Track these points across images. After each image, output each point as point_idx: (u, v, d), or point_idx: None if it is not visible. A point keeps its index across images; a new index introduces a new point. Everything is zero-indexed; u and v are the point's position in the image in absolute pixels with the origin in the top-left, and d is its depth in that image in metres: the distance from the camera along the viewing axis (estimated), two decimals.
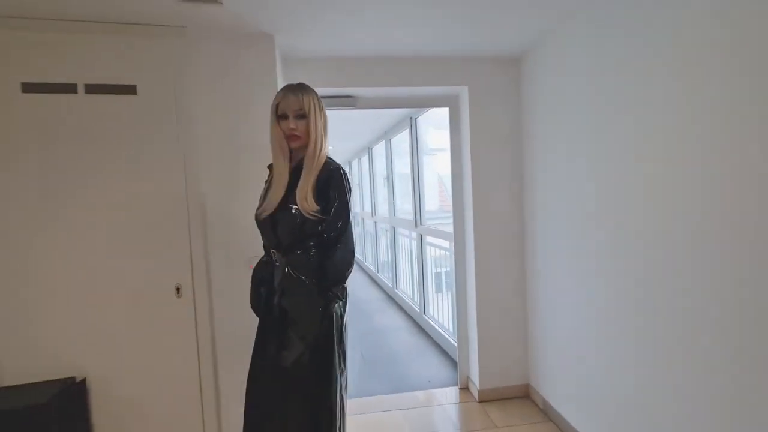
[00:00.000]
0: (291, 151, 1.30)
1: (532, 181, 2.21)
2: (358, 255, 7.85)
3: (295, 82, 1.35)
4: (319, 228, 1.26)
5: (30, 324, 1.59)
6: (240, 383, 1.33)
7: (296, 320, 1.25)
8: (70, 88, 1.59)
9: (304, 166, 1.27)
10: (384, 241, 5.35)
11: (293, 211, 1.24)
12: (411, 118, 3.63)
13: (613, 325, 1.62)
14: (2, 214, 1.55)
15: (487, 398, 2.36)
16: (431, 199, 4.15)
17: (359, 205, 7.39)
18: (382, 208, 5.52)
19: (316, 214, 1.23)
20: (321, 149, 1.28)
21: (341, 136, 4.97)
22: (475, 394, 2.40)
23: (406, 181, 4.05)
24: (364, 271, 6.81)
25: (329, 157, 1.33)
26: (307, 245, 1.28)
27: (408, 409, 2.32)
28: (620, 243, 1.55)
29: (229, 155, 1.76)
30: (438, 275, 3.74)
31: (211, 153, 1.75)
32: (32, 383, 1.57)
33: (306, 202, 1.22)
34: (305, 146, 1.27)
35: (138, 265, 1.67)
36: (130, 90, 1.64)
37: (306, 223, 1.24)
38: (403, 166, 4.34)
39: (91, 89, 1.61)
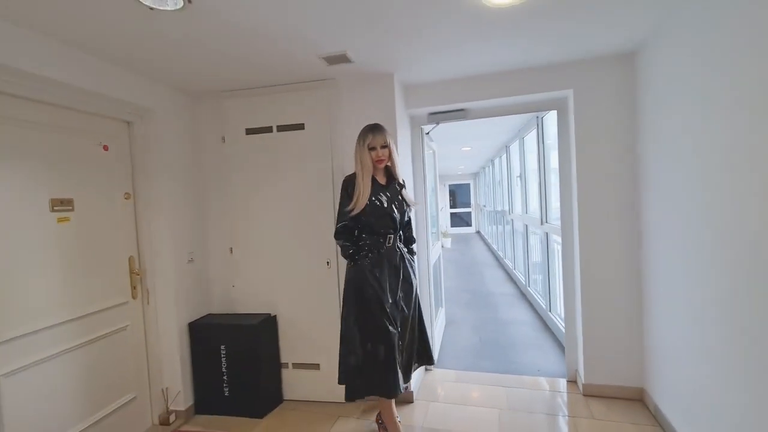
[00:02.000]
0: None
1: (647, 179, 2.16)
2: (499, 251, 7.92)
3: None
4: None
5: (251, 279, 2.58)
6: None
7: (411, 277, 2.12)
8: (268, 129, 2.50)
9: (396, 177, 2.06)
10: (520, 239, 5.39)
11: (403, 207, 2.08)
12: (537, 117, 3.71)
13: (733, 335, 1.46)
14: (240, 204, 2.57)
15: (593, 393, 2.41)
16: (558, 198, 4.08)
17: (501, 203, 7.46)
18: (517, 206, 5.56)
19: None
20: (398, 166, 2.09)
21: (477, 135, 5.27)
22: (581, 388, 2.47)
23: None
24: (503, 268, 6.89)
25: None
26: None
27: (510, 387, 2.58)
28: (736, 244, 1.42)
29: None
30: None
31: (350, 166, 2.42)
32: (250, 314, 2.55)
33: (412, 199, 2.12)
34: (386, 165, 2.07)
35: (303, 244, 2.48)
36: (301, 127, 2.46)
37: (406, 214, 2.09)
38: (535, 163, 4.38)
39: (280, 129, 2.49)
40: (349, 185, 2.02)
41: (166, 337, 2.37)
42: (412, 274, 2.11)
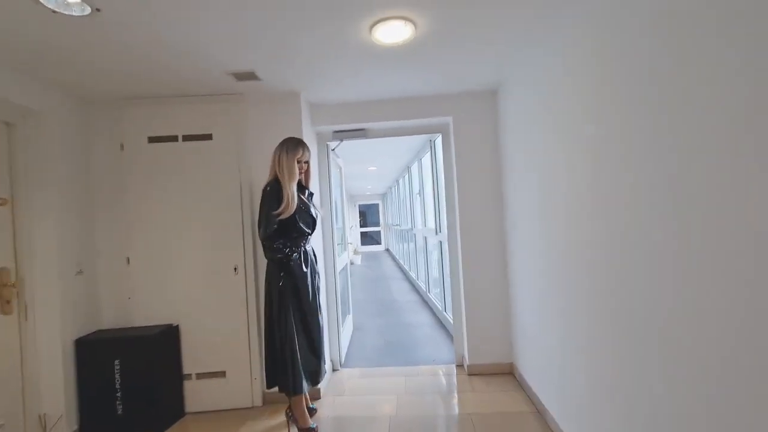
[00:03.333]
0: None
1: (507, 192, 2.70)
2: (405, 266, 8.44)
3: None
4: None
5: (151, 290, 2.50)
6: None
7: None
8: (173, 138, 2.52)
9: (308, 187, 2.30)
10: (421, 252, 5.91)
11: (316, 212, 2.27)
12: (430, 140, 4.25)
13: (567, 316, 1.87)
14: (139, 213, 2.49)
15: (475, 372, 2.83)
16: None
17: (405, 221, 8.03)
18: (418, 221, 6.12)
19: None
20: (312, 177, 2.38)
21: (380, 155, 5.72)
22: (466, 369, 2.88)
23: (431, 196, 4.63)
24: (408, 280, 7.39)
25: None
26: None
27: (408, 376, 2.88)
28: (562, 242, 1.95)
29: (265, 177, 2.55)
30: None
31: (257, 176, 2.56)
32: (149, 326, 2.46)
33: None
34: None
35: (210, 252, 2.51)
36: (209, 137, 2.53)
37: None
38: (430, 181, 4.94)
39: (186, 138, 2.53)
40: (274, 191, 2.14)
41: (46, 356, 2.17)
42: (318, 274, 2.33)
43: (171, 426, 2.37)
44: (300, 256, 2.21)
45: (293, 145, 2.21)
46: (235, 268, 2.52)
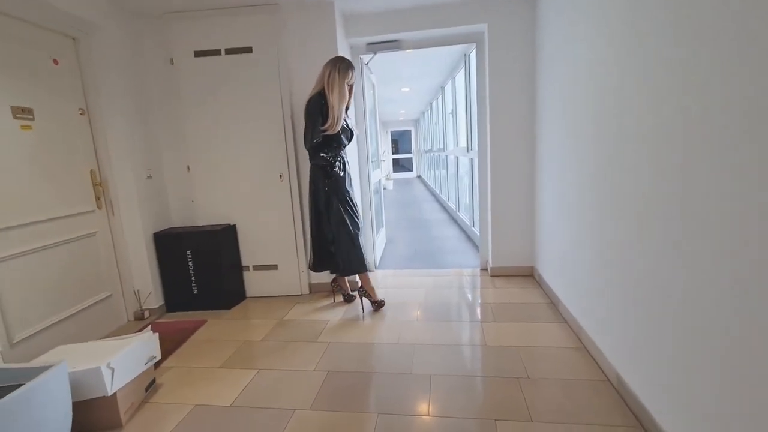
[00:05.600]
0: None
1: (542, 106, 2.71)
2: (436, 189, 8.60)
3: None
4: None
5: (209, 194, 2.85)
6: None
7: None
8: (217, 52, 2.67)
9: (349, 106, 2.48)
10: (453, 174, 6.02)
11: (353, 128, 2.51)
12: (465, 55, 4.13)
13: (577, 222, 2.13)
14: (193, 125, 2.76)
15: (498, 274, 3.11)
16: None
17: (438, 143, 8.02)
18: (450, 141, 6.13)
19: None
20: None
21: (414, 75, 5.62)
22: (489, 271, 3.16)
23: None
24: (439, 202, 7.60)
25: None
26: None
27: (436, 276, 3.21)
28: (586, 159, 2.09)
29: (307, 84, 2.69)
30: None
31: (297, 88, 2.70)
32: (212, 224, 2.86)
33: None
34: None
35: (258, 161, 2.78)
36: (249, 50, 2.66)
37: None
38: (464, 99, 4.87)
39: (228, 51, 2.67)
40: (318, 105, 2.33)
41: (133, 244, 2.62)
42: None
43: (236, 305, 2.85)
44: (340, 163, 2.45)
45: (345, 67, 2.36)
46: (281, 176, 2.79)
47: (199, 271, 2.74)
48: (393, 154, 17.09)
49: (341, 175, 2.46)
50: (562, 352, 1.94)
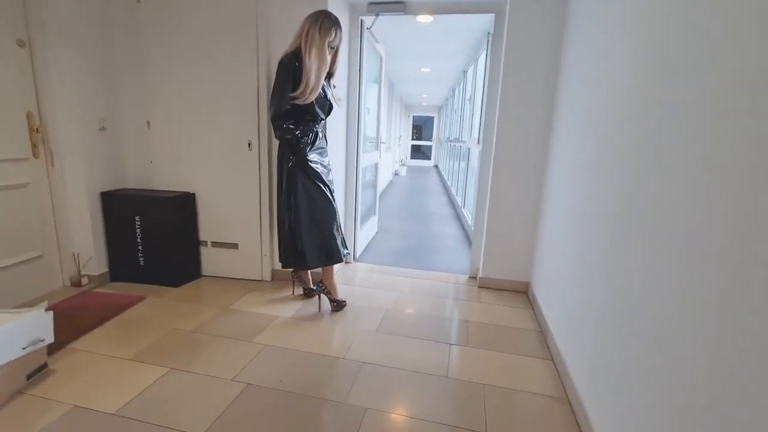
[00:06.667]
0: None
1: (561, 96, 2.25)
2: (449, 181, 8.15)
3: None
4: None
5: (170, 156, 2.53)
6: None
7: None
8: None
9: (333, 73, 2.11)
10: (464, 164, 5.56)
11: (334, 99, 2.14)
12: (488, 34, 3.63)
13: (588, 246, 1.68)
14: (158, 78, 2.43)
15: (487, 285, 2.71)
16: None
17: (456, 131, 7.52)
18: (466, 130, 5.65)
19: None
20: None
21: (432, 53, 5.13)
22: (478, 281, 2.76)
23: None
24: (449, 195, 7.15)
25: None
26: None
27: (416, 279, 2.83)
28: (602, 169, 1.63)
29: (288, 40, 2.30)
30: None
31: (276, 46, 2.32)
32: (168, 190, 2.54)
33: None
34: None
35: (225, 124, 2.42)
36: None
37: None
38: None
39: None
40: (291, 68, 1.93)
41: (75, 202, 2.32)
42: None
43: (187, 283, 2.55)
44: (309, 139, 2.07)
45: (328, 24, 1.95)
46: (249, 144, 2.44)
47: (148, 240, 2.44)
48: (415, 140, 16.57)
49: (311, 153, 2.08)
50: (540, 402, 1.55)
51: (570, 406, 1.53)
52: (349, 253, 2.39)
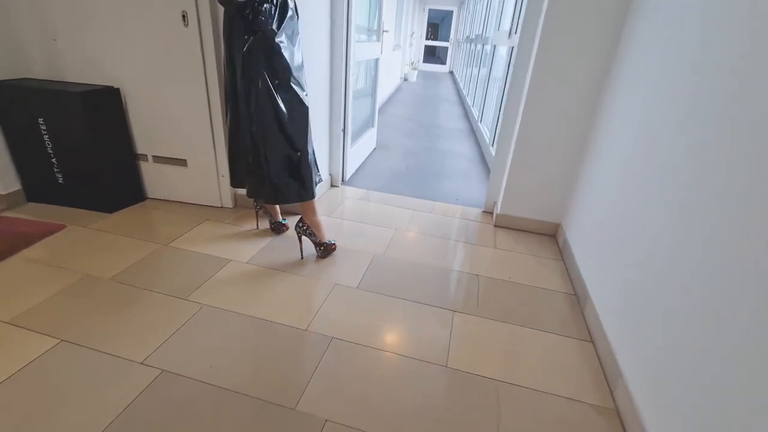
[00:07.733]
0: None
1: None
2: (464, 90, 7.19)
3: None
4: None
5: (79, 34, 1.79)
6: None
7: None
8: None
9: None
10: (485, 69, 4.61)
11: None
12: None
13: (642, 193, 1.12)
14: None
15: (506, 224, 2.15)
16: None
17: (479, 28, 6.30)
18: (492, 27, 4.61)
19: None
20: None
21: None
22: (494, 218, 2.20)
23: None
24: (463, 106, 6.25)
25: None
26: None
27: (417, 211, 2.27)
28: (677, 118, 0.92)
29: None
30: None
31: None
32: (84, 83, 1.86)
33: None
34: None
35: None
36: None
37: None
38: None
39: None
40: None
41: None
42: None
43: (125, 207, 2.02)
44: (275, 7, 1.36)
45: None
46: (184, 16, 1.68)
47: (61, 151, 1.84)
48: (428, 39, 14.73)
49: (273, 27, 1.36)
50: (573, 410, 1.09)
51: (618, 418, 1.07)
52: (321, 180, 1.80)
